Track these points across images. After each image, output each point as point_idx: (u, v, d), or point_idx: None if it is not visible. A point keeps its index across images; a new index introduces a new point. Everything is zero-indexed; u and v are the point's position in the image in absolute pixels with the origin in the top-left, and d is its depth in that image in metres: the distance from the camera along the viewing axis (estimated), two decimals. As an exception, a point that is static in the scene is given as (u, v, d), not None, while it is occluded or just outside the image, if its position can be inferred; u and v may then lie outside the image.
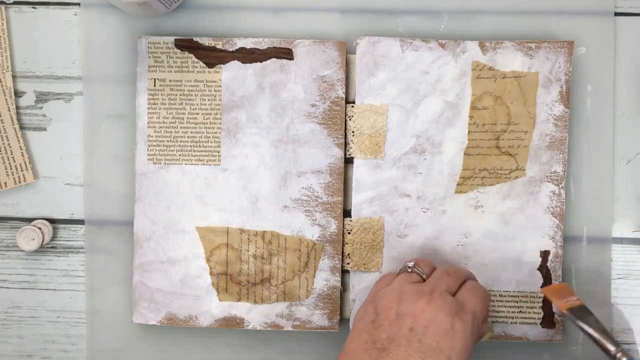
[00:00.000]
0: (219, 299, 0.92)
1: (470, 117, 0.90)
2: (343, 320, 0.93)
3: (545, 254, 0.90)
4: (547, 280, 0.90)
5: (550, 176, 0.90)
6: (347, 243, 0.91)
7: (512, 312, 0.91)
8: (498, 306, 0.91)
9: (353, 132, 0.90)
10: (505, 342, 0.92)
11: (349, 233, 0.91)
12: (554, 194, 0.90)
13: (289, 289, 0.91)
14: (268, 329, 0.92)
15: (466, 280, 0.83)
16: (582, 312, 0.84)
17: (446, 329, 0.76)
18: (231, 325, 0.92)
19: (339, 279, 0.91)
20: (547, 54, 0.89)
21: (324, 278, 0.91)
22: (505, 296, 0.91)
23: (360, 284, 0.91)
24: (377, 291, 0.83)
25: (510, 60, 0.89)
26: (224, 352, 0.94)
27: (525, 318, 0.91)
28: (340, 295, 0.92)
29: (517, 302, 0.91)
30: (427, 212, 0.91)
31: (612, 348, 0.82)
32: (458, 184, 0.90)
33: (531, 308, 0.91)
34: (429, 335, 0.76)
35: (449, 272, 0.83)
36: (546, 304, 0.91)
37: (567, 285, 0.88)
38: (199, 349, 0.94)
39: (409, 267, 0.84)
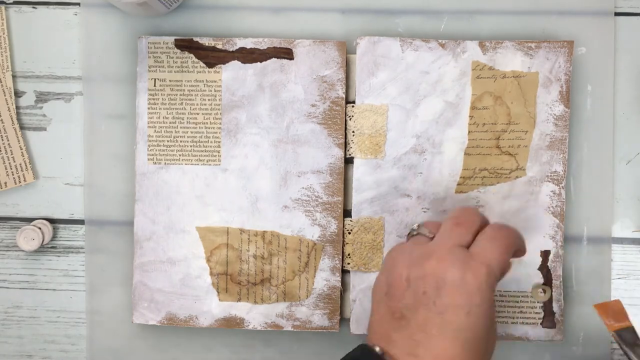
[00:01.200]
0: (219, 299, 0.92)
1: (471, 117, 0.90)
2: (343, 320, 0.93)
3: (545, 254, 0.90)
4: (547, 280, 0.90)
5: (551, 176, 0.90)
6: (347, 243, 0.91)
7: (513, 312, 0.91)
8: (499, 306, 0.91)
9: (353, 132, 0.90)
10: (506, 342, 0.92)
11: (349, 233, 0.91)
12: (554, 193, 0.90)
13: (289, 289, 0.91)
14: (268, 329, 0.92)
15: (487, 225, 0.78)
16: (630, 337, 0.84)
17: (458, 285, 0.72)
18: (231, 325, 0.92)
19: (339, 279, 0.91)
20: (547, 53, 0.89)
21: (324, 278, 0.91)
22: (505, 296, 0.91)
23: (361, 284, 0.91)
24: (389, 260, 0.80)
25: (510, 60, 0.89)
26: (224, 352, 0.94)
27: (525, 318, 0.91)
28: (340, 295, 0.92)
29: (517, 302, 0.91)
30: (427, 212, 0.91)
31: None
32: (458, 184, 0.90)
33: (532, 308, 0.91)
34: (442, 294, 0.72)
35: (458, 223, 0.77)
36: (547, 305, 0.91)
37: (619, 302, 0.85)
38: (199, 349, 0.94)
39: (414, 231, 0.80)
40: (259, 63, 0.91)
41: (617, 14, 0.92)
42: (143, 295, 0.92)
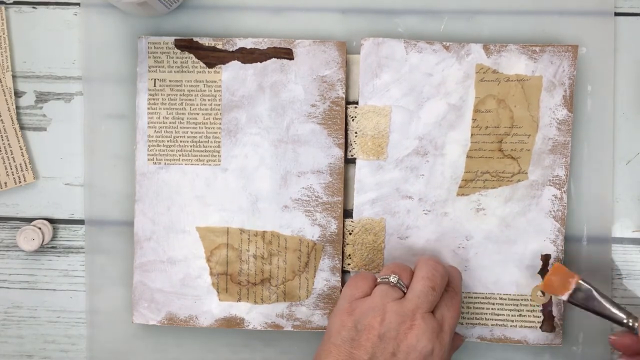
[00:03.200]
0: (219, 299, 0.92)
1: (474, 119, 0.90)
2: (343, 321, 0.93)
3: (546, 258, 0.90)
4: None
5: (553, 180, 0.90)
6: (348, 244, 0.91)
7: (512, 316, 0.91)
8: (498, 309, 0.91)
9: (356, 133, 0.90)
10: (505, 345, 0.92)
11: (350, 234, 0.91)
12: (555, 197, 0.90)
13: (289, 289, 0.91)
14: (268, 329, 0.92)
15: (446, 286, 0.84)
16: (583, 295, 0.85)
17: (426, 354, 0.78)
18: (231, 325, 0.92)
19: (339, 279, 0.91)
20: (551, 57, 0.89)
21: (324, 278, 0.91)
22: (505, 299, 0.91)
23: (362, 285, 0.91)
24: (355, 300, 0.82)
25: (515, 64, 0.89)
26: (224, 352, 0.94)
27: (525, 321, 0.91)
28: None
29: (517, 305, 0.91)
30: (428, 214, 0.91)
31: (623, 317, 0.84)
32: (460, 187, 0.90)
33: (531, 311, 0.91)
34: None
35: (433, 286, 0.81)
36: (546, 308, 0.91)
37: (559, 267, 0.87)
38: (199, 349, 0.94)
39: (392, 283, 0.82)
40: (259, 63, 0.91)
41: (617, 14, 0.92)
42: (143, 295, 0.92)
